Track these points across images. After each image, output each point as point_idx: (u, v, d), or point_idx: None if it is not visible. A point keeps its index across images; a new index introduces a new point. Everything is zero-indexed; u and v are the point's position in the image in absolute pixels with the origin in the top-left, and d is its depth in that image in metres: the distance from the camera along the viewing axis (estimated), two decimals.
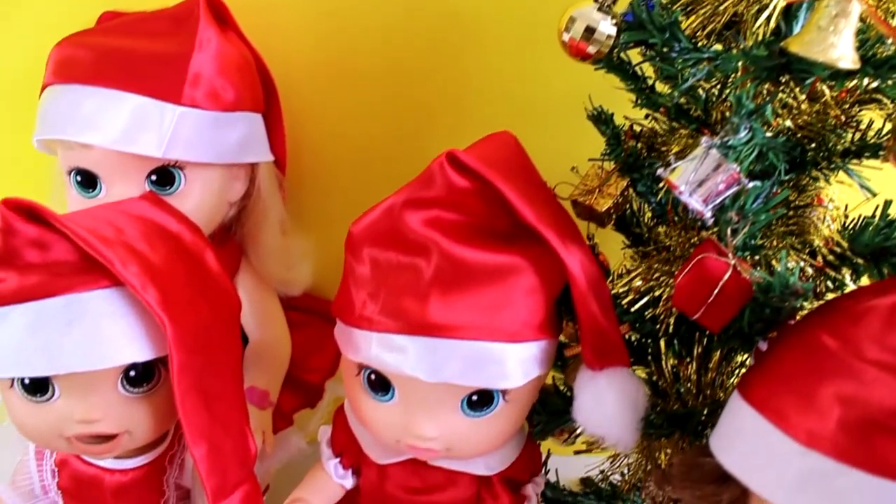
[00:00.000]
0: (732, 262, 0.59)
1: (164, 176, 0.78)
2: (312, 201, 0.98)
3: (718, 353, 0.74)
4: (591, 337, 0.64)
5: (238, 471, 0.66)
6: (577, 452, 0.82)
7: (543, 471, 0.77)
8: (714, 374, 0.74)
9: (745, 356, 0.77)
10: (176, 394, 0.61)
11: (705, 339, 0.75)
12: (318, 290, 1.00)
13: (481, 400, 0.64)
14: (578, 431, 0.94)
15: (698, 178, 0.57)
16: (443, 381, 0.61)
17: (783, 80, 0.62)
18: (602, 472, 0.84)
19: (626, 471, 0.83)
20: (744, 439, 0.55)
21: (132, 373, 0.65)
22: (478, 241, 0.61)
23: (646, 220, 0.77)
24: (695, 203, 0.57)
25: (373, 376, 0.65)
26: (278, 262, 0.88)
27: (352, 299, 0.65)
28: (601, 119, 0.76)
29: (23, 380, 0.64)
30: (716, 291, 0.59)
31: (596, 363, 0.65)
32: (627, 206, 0.76)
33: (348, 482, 0.75)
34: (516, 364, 0.62)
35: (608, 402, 0.64)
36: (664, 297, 0.68)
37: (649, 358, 0.75)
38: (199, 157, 0.77)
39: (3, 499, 0.73)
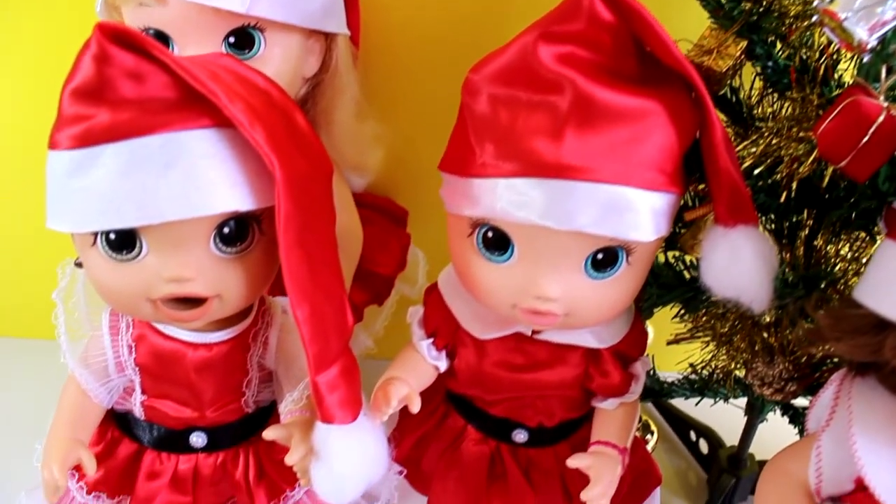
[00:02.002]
0: (885, 104, 0.56)
1: (243, 38, 0.72)
2: (379, 87, 0.93)
3: (827, 232, 0.71)
4: (726, 190, 0.60)
5: (338, 341, 0.62)
6: (669, 343, 0.79)
7: None
8: (823, 252, 0.71)
9: (843, 244, 0.74)
10: (281, 245, 0.56)
11: (812, 220, 0.72)
12: (377, 187, 0.96)
13: (605, 259, 0.60)
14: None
15: (863, 5, 0.53)
16: (575, 229, 0.56)
17: None
18: (692, 365, 0.81)
19: (714, 365, 0.80)
20: None
21: (226, 230, 0.59)
22: (612, 82, 0.57)
23: (750, 95, 0.74)
24: (859, 32, 0.54)
25: (490, 234, 0.61)
26: (352, 145, 0.83)
27: (471, 148, 0.60)
28: None
29: (108, 235, 0.58)
30: (868, 135, 0.56)
31: (730, 219, 0.61)
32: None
33: (442, 364, 0.71)
34: (649, 215, 0.58)
35: (744, 258, 0.60)
36: (787, 159, 0.65)
37: None
38: (283, 17, 0.71)
39: (76, 376, 0.67)
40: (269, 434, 0.64)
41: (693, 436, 1.00)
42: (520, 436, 0.73)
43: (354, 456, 0.61)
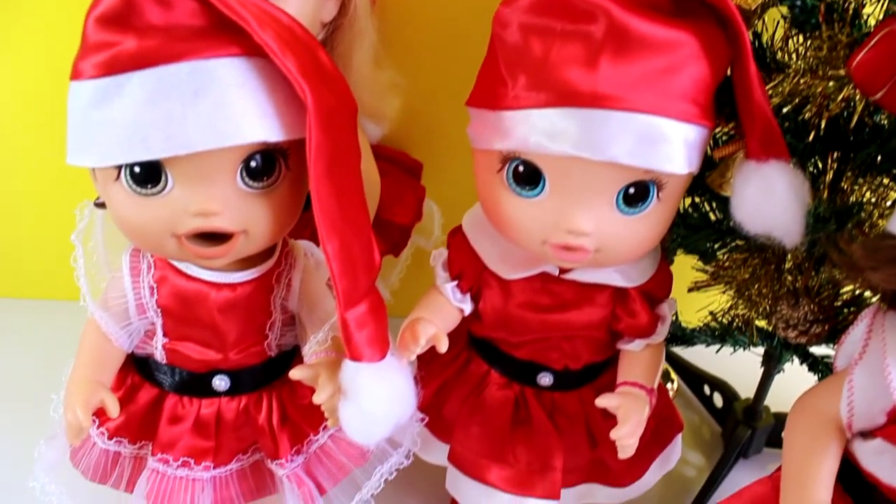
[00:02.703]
0: None
1: None
2: (394, 38, 0.92)
3: (852, 175, 0.71)
4: (759, 124, 0.60)
5: (366, 278, 0.61)
6: (690, 290, 0.79)
7: None
8: (848, 195, 0.71)
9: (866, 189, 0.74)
10: (311, 176, 0.56)
11: (836, 163, 0.72)
12: (392, 141, 0.95)
13: (637, 194, 0.60)
14: None
15: None
16: (609, 159, 0.56)
17: None
18: (712, 313, 0.80)
19: (734, 313, 0.80)
20: None
21: (253, 163, 0.58)
22: (646, 13, 0.56)
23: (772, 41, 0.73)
24: None
25: (520, 168, 0.60)
26: (369, 91, 0.82)
27: (502, 80, 0.59)
28: None
29: (132, 168, 0.57)
30: None
31: (762, 153, 0.60)
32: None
33: (467, 306, 0.70)
34: (682, 146, 0.57)
35: (778, 192, 0.60)
36: (816, 98, 0.65)
37: None
38: None
39: (96, 319, 0.66)
40: (295, 374, 0.63)
41: (707, 390, 1.00)
42: (545, 379, 0.73)
43: (383, 394, 0.61)
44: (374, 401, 0.60)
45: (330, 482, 0.71)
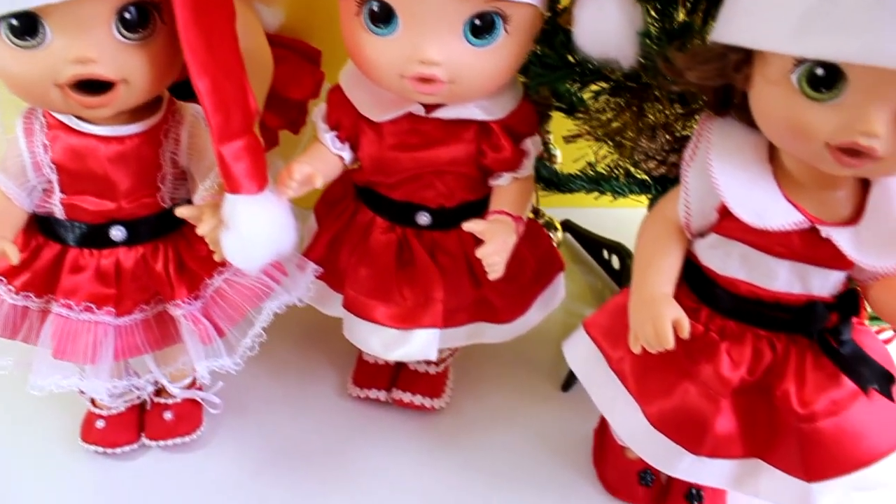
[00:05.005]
0: None
1: None
2: None
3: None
4: None
5: (241, 118, 0.66)
6: (567, 140, 0.84)
7: None
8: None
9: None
10: (178, 18, 0.61)
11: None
12: (291, 32, 0.99)
13: (483, 26, 0.65)
14: None
15: None
16: None
17: None
18: (588, 162, 0.86)
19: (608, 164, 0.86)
20: (745, 9, 0.57)
21: (127, 15, 0.63)
22: None
23: None
24: None
25: (375, 8, 0.65)
26: None
27: None
28: None
29: (10, 22, 0.61)
30: None
31: None
32: None
33: (346, 154, 0.76)
34: None
35: (609, 14, 0.64)
36: None
37: None
38: None
39: None
40: (181, 211, 0.68)
41: (605, 254, 1.06)
42: (423, 218, 0.78)
43: (261, 221, 0.67)
44: (252, 227, 0.66)
45: (227, 323, 0.75)
